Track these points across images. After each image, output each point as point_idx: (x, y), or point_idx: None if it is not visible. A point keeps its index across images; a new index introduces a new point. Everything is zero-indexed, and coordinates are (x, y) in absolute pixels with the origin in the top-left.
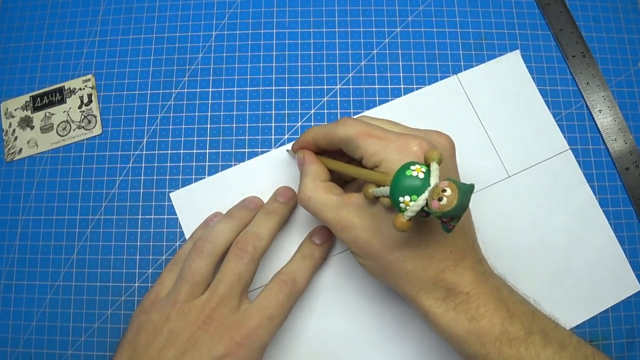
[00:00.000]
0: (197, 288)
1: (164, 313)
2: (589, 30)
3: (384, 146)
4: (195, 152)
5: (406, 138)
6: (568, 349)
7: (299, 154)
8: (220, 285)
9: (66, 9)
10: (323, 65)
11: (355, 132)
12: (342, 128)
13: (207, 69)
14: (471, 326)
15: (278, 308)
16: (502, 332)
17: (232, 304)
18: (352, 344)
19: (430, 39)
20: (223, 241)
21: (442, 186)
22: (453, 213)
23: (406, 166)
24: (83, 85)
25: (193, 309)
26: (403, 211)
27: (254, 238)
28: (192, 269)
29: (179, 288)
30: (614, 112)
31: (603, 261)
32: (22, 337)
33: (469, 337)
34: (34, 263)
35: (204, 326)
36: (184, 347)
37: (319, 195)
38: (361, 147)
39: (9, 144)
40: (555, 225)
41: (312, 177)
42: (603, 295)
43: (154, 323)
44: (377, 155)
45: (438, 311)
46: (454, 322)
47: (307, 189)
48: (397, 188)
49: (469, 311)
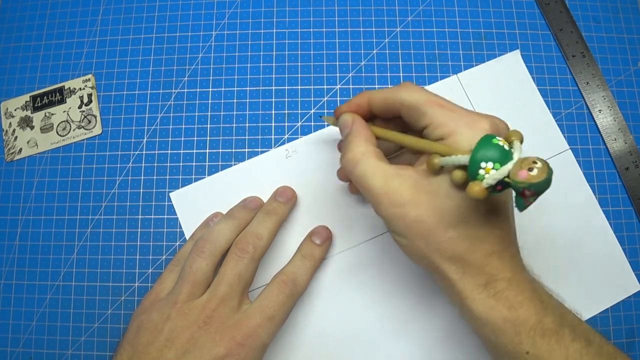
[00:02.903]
0: (198, 288)
1: (164, 313)
2: (588, 30)
3: (455, 119)
4: (195, 152)
5: (477, 116)
6: (593, 345)
7: (346, 117)
8: (221, 285)
9: (66, 9)
10: (323, 65)
11: (423, 98)
12: (406, 93)
13: (207, 68)
14: (509, 314)
15: (279, 308)
16: (537, 322)
17: (233, 304)
18: (352, 343)
19: (430, 39)
20: (224, 241)
21: (532, 158)
22: (540, 186)
23: (491, 135)
24: (83, 85)
25: (193, 309)
26: (481, 179)
27: (254, 238)
28: (193, 268)
29: (180, 288)
30: (613, 112)
31: (603, 261)
32: (22, 337)
33: (505, 325)
34: (34, 263)
35: (204, 326)
36: (185, 347)
37: (370, 159)
38: (428, 115)
39: (9, 143)
40: (555, 225)
41: (364, 139)
42: (603, 295)
43: (154, 323)
44: (445, 127)
45: (478, 297)
46: (492, 309)
47: (357, 150)
48: (480, 154)
49: (509, 299)
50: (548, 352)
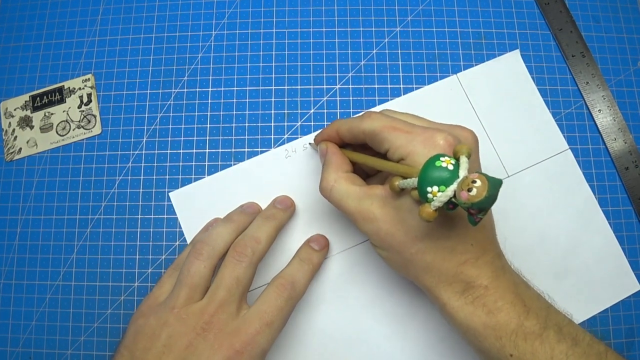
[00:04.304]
0: (196, 292)
1: (161, 318)
2: (588, 29)
3: (410, 139)
4: (195, 152)
5: (432, 132)
6: (581, 345)
7: (322, 146)
8: (219, 290)
9: (66, 9)
10: (322, 65)
11: (380, 125)
12: (367, 121)
13: (206, 68)
14: (488, 320)
15: (277, 313)
16: (518, 326)
17: (231, 309)
18: (351, 343)
19: (429, 39)
20: (222, 244)
21: (472, 177)
22: (482, 205)
23: (435, 157)
24: (82, 85)
25: (192, 315)
26: (430, 201)
27: (253, 241)
28: (191, 271)
29: (178, 292)
30: (613, 112)
31: (603, 261)
32: (21, 337)
33: (485, 331)
34: (33, 263)
35: (202, 333)
36: (183, 355)
37: (341, 185)
38: (387, 140)
39: (8, 143)
40: (554, 225)
41: (335, 167)
42: (603, 295)
43: (152, 328)
44: (403, 148)
45: (456, 304)
46: (471, 315)
47: (330, 178)
48: (425, 178)
49: (487, 305)
50: (532, 354)
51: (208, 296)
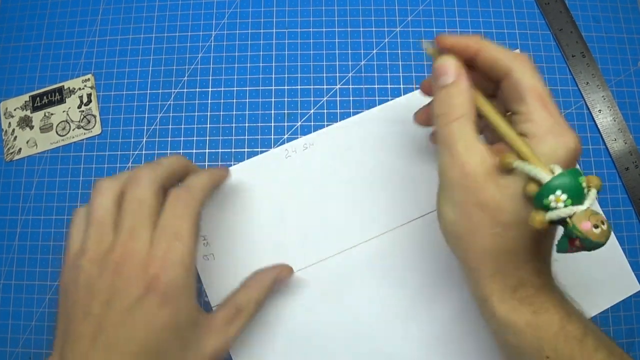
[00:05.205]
0: (104, 227)
1: (77, 267)
2: (588, 30)
3: (547, 123)
4: (195, 152)
5: (568, 129)
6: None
7: (451, 62)
8: (123, 219)
9: (66, 9)
10: (323, 65)
11: (531, 84)
12: (520, 69)
13: (206, 68)
14: (532, 319)
15: (180, 223)
16: (560, 329)
17: (141, 235)
18: (351, 343)
19: (430, 39)
20: (123, 177)
21: (601, 217)
22: (593, 245)
23: (578, 172)
24: (82, 85)
25: (104, 253)
26: (547, 207)
27: (152, 164)
28: (94, 206)
29: (87, 235)
30: (613, 112)
31: (603, 261)
32: (21, 337)
33: (526, 329)
34: (33, 263)
35: (118, 269)
36: (106, 297)
37: (467, 125)
38: (526, 103)
39: (8, 143)
40: None
41: (469, 98)
42: (603, 295)
43: (73, 281)
44: (535, 126)
45: (503, 298)
46: (515, 312)
47: (458, 110)
48: (560, 182)
49: (534, 304)
50: (569, 358)
51: (115, 230)
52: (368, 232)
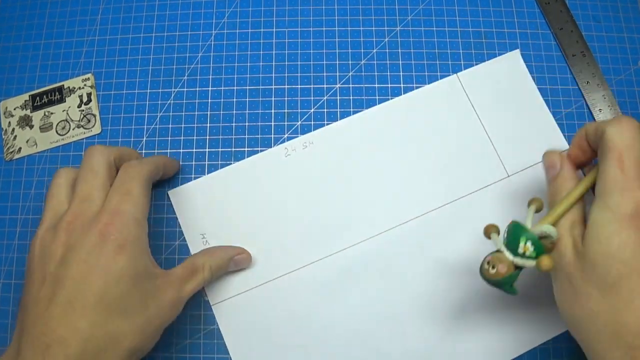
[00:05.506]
0: (58, 199)
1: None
2: (588, 29)
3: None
4: (195, 152)
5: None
6: None
7: (554, 157)
8: (77, 187)
9: (65, 8)
10: (323, 64)
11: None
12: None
13: (206, 68)
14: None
15: (129, 180)
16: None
17: (94, 197)
18: (351, 343)
19: (430, 38)
20: None
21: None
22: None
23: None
24: (82, 84)
25: (60, 221)
26: None
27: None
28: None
29: (44, 214)
30: (614, 112)
31: None
32: None
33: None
34: None
35: (69, 227)
36: (60, 256)
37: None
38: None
39: (8, 143)
40: None
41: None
42: None
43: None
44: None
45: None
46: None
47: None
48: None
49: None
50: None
51: (72, 198)
52: (367, 231)
